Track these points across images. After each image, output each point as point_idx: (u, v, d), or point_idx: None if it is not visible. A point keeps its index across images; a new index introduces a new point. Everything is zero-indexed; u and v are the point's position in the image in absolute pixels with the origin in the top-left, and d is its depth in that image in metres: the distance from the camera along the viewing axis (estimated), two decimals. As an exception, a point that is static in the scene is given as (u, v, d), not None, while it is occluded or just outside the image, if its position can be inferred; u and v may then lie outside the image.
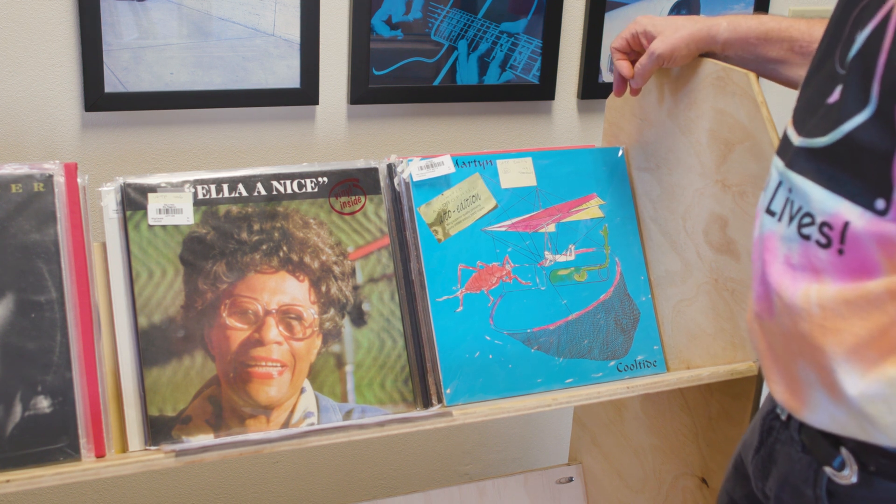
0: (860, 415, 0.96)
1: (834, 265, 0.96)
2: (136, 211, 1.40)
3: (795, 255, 1.00)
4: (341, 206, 1.48)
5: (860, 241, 0.93)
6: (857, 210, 0.92)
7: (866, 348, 0.94)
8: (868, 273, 0.93)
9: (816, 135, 0.98)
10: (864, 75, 0.92)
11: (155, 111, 1.92)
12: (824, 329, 0.96)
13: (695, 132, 1.54)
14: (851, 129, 0.92)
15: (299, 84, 1.96)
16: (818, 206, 0.97)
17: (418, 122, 2.10)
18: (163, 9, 1.86)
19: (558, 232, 1.59)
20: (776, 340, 1.05)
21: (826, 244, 0.96)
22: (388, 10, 1.99)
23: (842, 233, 0.94)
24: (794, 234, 1.00)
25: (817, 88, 1.02)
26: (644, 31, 1.52)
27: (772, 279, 1.03)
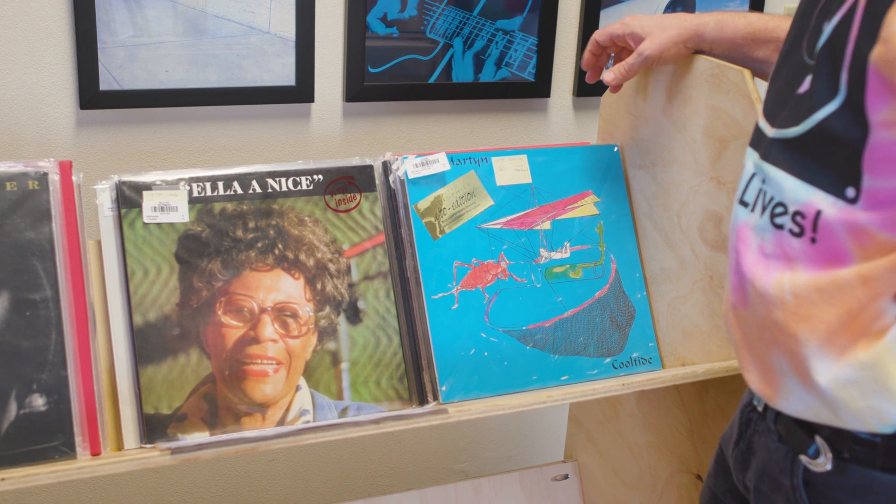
0: (832, 400, 0.97)
1: (807, 253, 0.97)
2: (131, 209, 1.40)
3: (769, 244, 1.02)
4: (336, 204, 1.48)
5: (832, 230, 0.94)
6: (828, 199, 0.94)
7: (838, 334, 0.95)
8: (840, 261, 0.95)
9: (788, 125, 0.99)
10: (832, 65, 0.93)
11: (150, 109, 1.91)
12: (797, 316, 0.98)
13: (689, 129, 1.54)
14: (822, 118, 0.94)
15: (294, 82, 1.96)
16: (791, 196, 0.98)
17: (414, 120, 2.10)
18: (158, 6, 1.86)
19: (553, 229, 1.59)
20: (751, 330, 1.06)
21: (799, 233, 0.98)
22: (384, 8, 1.99)
23: (814, 221, 0.96)
24: (768, 224, 1.02)
25: (787, 79, 1.03)
26: (632, 32, 1.53)
27: (746, 269, 1.05)
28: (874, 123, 0.88)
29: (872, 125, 0.89)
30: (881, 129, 0.88)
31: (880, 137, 0.89)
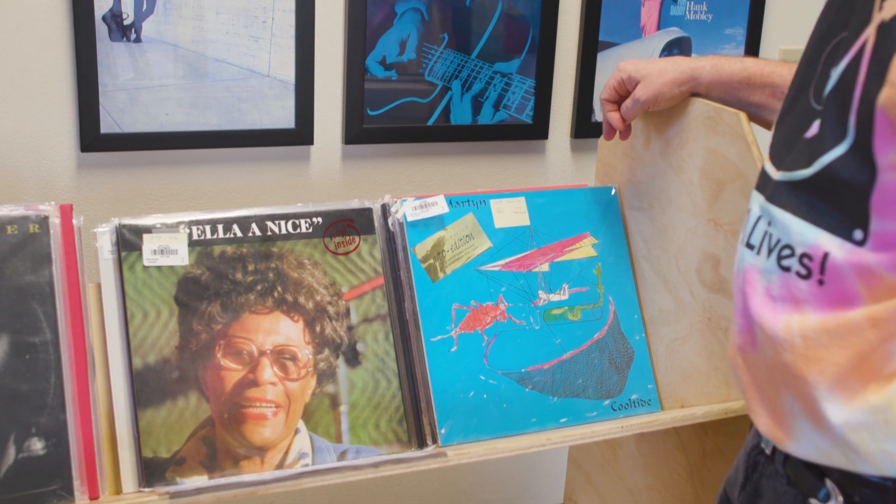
0: (844, 443, 0.97)
1: (814, 295, 0.97)
2: (131, 252, 1.41)
3: (776, 286, 1.02)
4: (336, 247, 1.49)
5: (840, 272, 0.94)
6: (836, 241, 0.94)
7: (848, 377, 0.95)
8: (848, 302, 0.95)
9: (797, 168, 1.00)
10: (840, 109, 0.93)
11: (151, 152, 1.92)
12: (807, 359, 0.98)
13: (686, 171, 1.55)
14: (830, 161, 0.94)
15: (294, 124, 1.98)
16: (798, 238, 0.99)
17: (413, 162, 2.11)
18: (159, 50, 1.87)
19: (552, 271, 1.59)
20: (760, 372, 1.06)
21: (806, 275, 0.98)
22: (383, 51, 2.00)
23: (822, 263, 0.96)
24: (774, 267, 1.02)
25: (793, 125, 1.04)
26: (629, 77, 1.54)
27: (753, 311, 1.05)
28: (882, 166, 0.89)
29: (880, 168, 0.89)
30: (888, 171, 0.89)
31: (888, 180, 0.89)
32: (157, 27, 1.86)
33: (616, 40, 2.18)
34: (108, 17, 1.83)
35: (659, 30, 2.22)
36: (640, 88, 1.52)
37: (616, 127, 1.58)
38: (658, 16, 2.21)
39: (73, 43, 1.83)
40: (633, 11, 2.18)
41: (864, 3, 0.95)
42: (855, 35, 0.94)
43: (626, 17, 2.18)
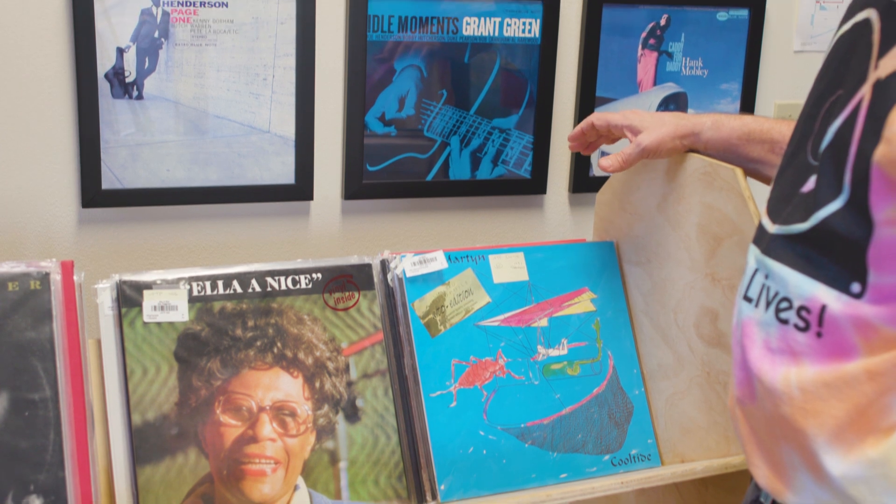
0: (843, 496, 0.97)
1: (813, 348, 0.98)
2: (131, 308, 1.41)
3: (774, 339, 1.02)
4: (335, 302, 1.49)
5: (838, 324, 0.95)
6: (833, 293, 0.95)
7: (846, 430, 0.95)
8: (846, 355, 0.95)
9: (793, 222, 1.01)
10: (836, 165, 0.94)
11: (152, 207, 1.94)
12: (805, 412, 0.98)
13: (684, 226, 1.56)
14: (826, 215, 0.95)
15: (294, 180, 1.99)
16: (795, 291, 0.99)
17: (412, 217, 2.12)
18: (160, 107, 1.89)
19: (551, 326, 1.60)
20: (759, 425, 1.06)
21: (804, 328, 0.98)
22: (382, 108, 2.02)
23: (819, 316, 0.96)
24: (772, 319, 1.02)
25: (791, 180, 1.05)
26: (630, 124, 1.56)
27: (752, 364, 1.05)
28: (878, 221, 0.90)
29: (876, 223, 0.90)
30: (885, 226, 0.89)
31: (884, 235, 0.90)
32: (159, 84, 1.88)
33: (613, 96, 2.20)
34: (110, 74, 1.85)
35: (655, 85, 2.24)
36: (643, 135, 1.54)
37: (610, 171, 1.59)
38: (654, 71, 2.23)
39: (75, 100, 1.85)
40: (629, 67, 2.21)
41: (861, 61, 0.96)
42: (851, 93, 0.96)
43: (622, 73, 2.20)
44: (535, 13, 2.09)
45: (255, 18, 1.90)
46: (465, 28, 2.05)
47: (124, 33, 1.85)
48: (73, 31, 1.81)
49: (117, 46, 1.84)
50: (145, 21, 1.85)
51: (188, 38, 1.88)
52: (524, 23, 2.09)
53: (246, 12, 1.90)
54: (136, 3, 1.84)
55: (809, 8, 2.33)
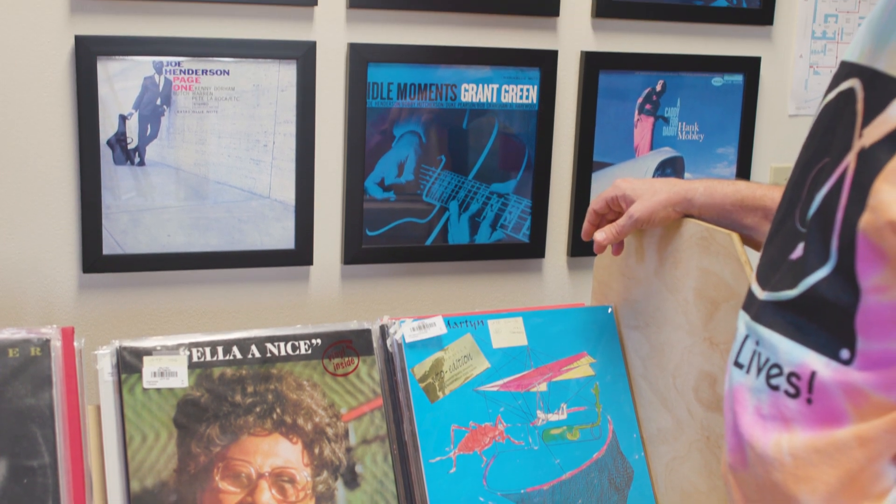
0: None
1: (803, 414, 0.98)
2: (131, 374, 1.42)
3: (765, 405, 1.02)
4: (334, 368, 1.50)
5: (827, 391, 0.95)
6: (822, 360, 0.95)
7: (838, 496, 0.95)
8: (836, 421, 0.95)
9: (782, 288, 1.01)
10: (823, 232, 0.95)
11: (152, 272, 1.95)
12: (797, 478, 0.98)
13: (681, 291, 1.57)
14: (814, 282, 0.96)
15: (294, 245, 2.00)
16: (785, 357, 0.99)
17: (411, 282, 2.13)
18: (162, 173, 1.91)
19: (550, 391, 1.60)
20: (751, 491, 1.06)
21: (794, 394, 0.98)
22: (381, 173, 2.04)
23: (809, 382, 0.96)
24: (763, 385, 1.02)
25: (780, 246, 1.06)
26: (623, 194, 1.57)
27: (743, 430, 1.05)
28: (864, 288, 0.90)
29: (863, 290, 0.90)
30: (871, 293, 0.90)
31: (871, 302, 0.90)
32: (161, 151, 1.90)
33: (610, 160, 2.22)
34: (112, 140, 1.87)
35: (652, 150, 2.26)
36: (635, 206, 1.55)
37: (603, 244, 1.61)
38: (651, 136, 2.26)
39: (77, 166, 1.87)
40: (626, 132, 2.23)
41: (846, 130, 0.98)
42: (837, 161, 0.97)
43: (619, 138, 2.23)
44: (532, 80, 2.11)
45: (255, 86, 1.93)
46: (463, 94, 2.08)
47: (127, 100, 1.87)
48: (77, 98, 1.83)
49: (120, 113, 1.87)
50: (148, 88, 1.88)
51: (190, 105, 1.90)
52: (522, 89, 2.11)
53: (247, 80, 1.92)
54: (139, 70, 1.86)
55: (803, 73, 2.36)
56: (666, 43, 2.23)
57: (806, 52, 2.35)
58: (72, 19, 1.83)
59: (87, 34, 1.83)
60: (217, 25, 1.91)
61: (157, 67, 1.87)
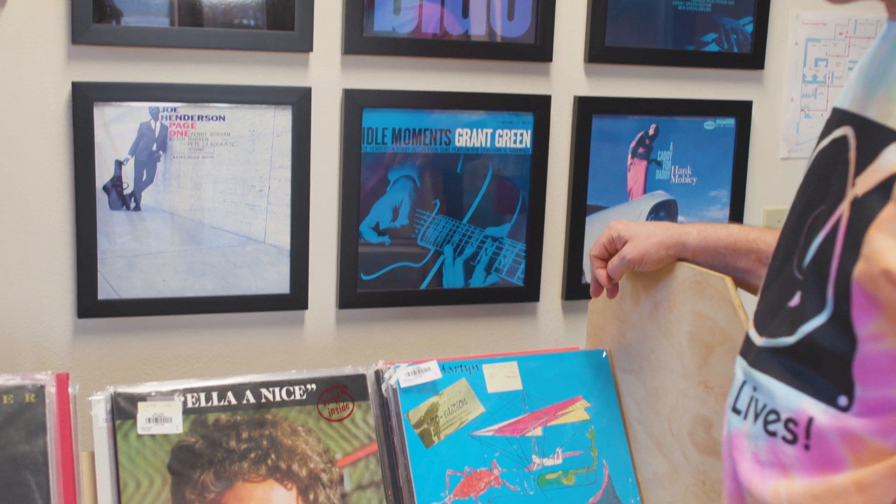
0: None
1: (801, 461, 0.98)
2: (125, 420, 1.41)
3: (763, 451, 1.02)
4: (329, 413, 1.49)
5: (825, 437, 0.95)
6: (820, 406, 0.95)
7: None
8: (834, 467, 0.95)
9: (780, 335, 1.01)
10: (819, 280, 0.96)
11: (147, 317, 1.95)
12: None
13: (675, 335, 1.57)
14: (811, 329, 0.96)
15: (289, 289, 2.01)
16: (783, 403, 0.99)
17: (406, 326, 2.13)
18: (157, 218, 1.92)
19: (545, 435, 1.60)
20: None
21: (792, 440, 0.98)
22: (376, 218, 2.05)
23: (807, 428, 0.96)
24: (761, 432, 1.02)
25: (777, 293, 1.06)
26: (618, 235, 1.58)
27: (742, 476, 1.05)
28: (861, 336, 0.90)
29: (860, 338, 0.91)
30: (868, 342, 0.90)
31: (867, 350, 0.90)
32: (156, 196, 1.91)
33: (604, 203, 2.23)
34: (108, 186, 1.88)
35: (645, 193, 2.27)
36: (627, 247, 1.56)
37: (602, 284, 1.62)
38: (644, 179, 2.27)
39: (73, 211, 1.87)
40: (619, 175, 2.24)
41: (839, 178, 0.98)
42: (832, 209, 0.98)
43: (613, 181, 2.24)
44: (526, 124, 2.13)
45: (251, 131, 1.94)
46: (457, 139, 2.09)
47: (123, 146, 1.88)
48: (73, 143, 1.84)
49: (116, 159, 1.88)
50: (144, 134, 1.89)
51: (186, 150, 1.91)
52: (516, 133, 2.13)
53: (243, 125, 1.94)
54: (136, 116, 1.88)
55: (794, 116, 2.38)
56: (658, 87, 2.25)
57: (797, 96, 2.37)
58: (69, 66, 1.84)
59: (84, 80, 1.84)
60: (213, 71, 1.92)
61: (153, 113, 1.89)
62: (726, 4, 2.25)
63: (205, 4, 1.89)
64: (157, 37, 1.87)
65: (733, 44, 2.28)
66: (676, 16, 2.23)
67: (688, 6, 2.23)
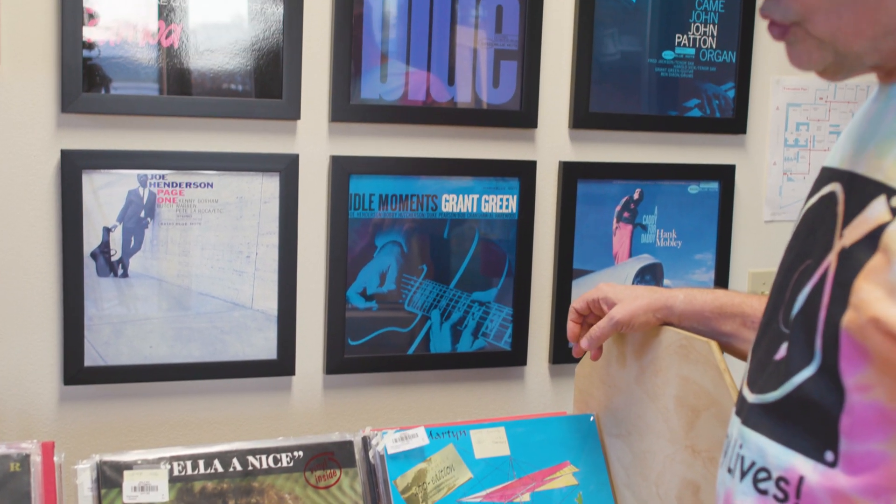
0: None
1: None
2: (111, 489, 1.41)
3: None
4: (316, 480, 1.49)
5: (815, 495, 0.95)
6: (810, 464, 0.95)
7: None
8: None
9: (768, 390, 1.02)
10: (807, 331, 0.97)
11: (134, 384, 1.94)
12: None
13: (662, 399, 1.58)
14: (799, 382, 0.97)
15: (276, 355, 2.01)
16: (774, 461, 1.00)
17: (394, 391, 2.13)
18: (145, 284, 1.92)
19: (533, 501, 1.59)
20: None
21: (783, 499, 0.98)
22: (363, 283, 2.06)
23: (797, 487, 0.97)
24: (752, 490, 1.03)
25: (765, 348, 1.07)
26: (605, 297, 1.60)
27: None
28: (849, 387, 0.91)
29: (847, 389, 0.91)
30: (856, 392, 0.91)
31: (855, 401, 0.91)
32: (144, 262, 1.92)
33: (590, 268, 2.25)
34: (96, 252, 1.89)
35: (631, 257, 2.29)
36: (616, 309, 1.57)
37: (570, 338, 1.62)
38: (630, 243, 2.29)
39: (60, 277, 1.87)
40: (605, 239, 2.26)
41: (826, 231, 1.00)
42: (819, 261, 0.99)
43: (598, 245, 2.25)
44: (512, 189, 2.15)
45: (239, 198, 1.96)
46: (444, 205, 2.11)
47: (111, 213, 1.89)
48: (62, 210, 1.85)
49: (104, 226, 1.89)
50: (132, 201, 1.90)
51: (174, 217, 1.92)
52: (502, 199, 2.15)
53: (230, 192, 1.95)
54: (124, 183, 1.89)
55: (777, 179, 2.41)
56: (642, 152, 2.27)
57: (779, 160, 2.40)
58: (58, 133, 1.86)
59: (73, 148, 1.86)
60: (201, 139, 1.94)
61: (141, 180, 1.90)
62: (708, 71, 2.29)
63: (193, 71, 1.91)
64: (145, 105, 1.88)
65: (716, 109, 2.31)
66: (659, 82, 2.26)
67: (670, 72, 2.26)
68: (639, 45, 2.24)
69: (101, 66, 1.86)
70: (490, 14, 2.10)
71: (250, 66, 1.94)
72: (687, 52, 2.27)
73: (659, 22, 2.24)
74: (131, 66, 1.87)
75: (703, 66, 2.28)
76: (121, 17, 1.86)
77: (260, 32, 1.94)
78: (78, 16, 1.82)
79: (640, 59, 2.24)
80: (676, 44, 2.26)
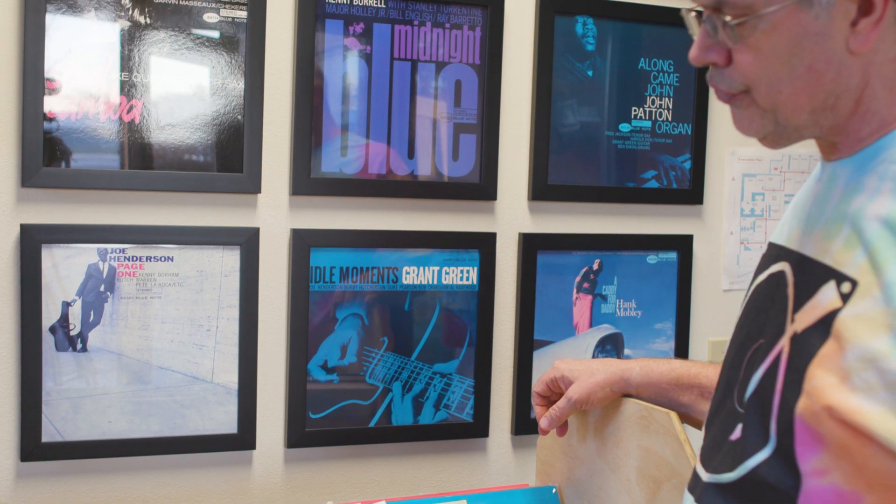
0: None
1: None
2: (67, 569, 1.38)
3: None
4: (277, 557, 1.47)
5: None
6: None
7: None
8: None
9: (723, 470, 1.02)
10: (762, 414, 0.97)
11: (92, 460, 1.92)
12: None
13: (623, 470, 1.58)
14: (755, 465, 0.97)
15: (237, 429, 1.99)
16: None
17: (355, 464, 2.12)
18: (104, 359, 1.91)
19: (495, 575, 1.58)
20: None
21: None
22: (324, 356, 2.06)
23: None
24: None
25: (720, 427, 1.08)
26: (562, 376, 1.60)
27: None
28: (805, 472, 0.91)
29: (804, 474, 0.92)
30: (813, 477, 0.91)
31: (812, 485, 0.91)
32: (103, 337, 1.91)
33: (551, 338, 2.26)
34: (55, 327, 1.87)
35: (591, 327, 2.30)
36: (573, 388, 1.57)
37: (542, 427, 1.62)
38: (590, 313, 2.30)
39: (18, 352, 1.86)
40: (565, 310, 2.27)
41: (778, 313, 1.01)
42: (771, 343, 1.00)
43: (559, 316, 2.27)
44: (472, 261, 2.16)
45: (199, 272, 1.95)
46: (404, 277, 2.11)
47: (71, 287, 1.88)
48: (20, 284, 1.84)
49: (63, 300, 1.88)
50: (92, 275, 1.90)
51: (133, 291, 1.92)
52: (462, 270, 2.16)
53: (191, 266, 1.95)
54: (84, 257, 1.88)
55: (734, 249, 2.44)
56: (601, 223, 2.30)
57: (736, 230, 2.44)
58: (17, 208, 1.85)
59: (33, 223, 1.85)
60: (162, 213, 1.94)
61: (101, 254, 1.90)
62: (664, 143, 2.33)
63: (154, 145, 1.92)
64: (106, 179, 1.89)
65: (672, 180, 2.35)
66: (617, 154, 2.29)
67: (627, 145, 2.30)
68: (597, 117, 2.27)
69: (62, 139, 1.86)
70: (449, 87, 2.13)
71: (211, 140, 1.95)
72: (643, 124, 2.31)
73: (616, 95, 2.28)
74: (92, 139, 1.88)
75: (659, 138, 2.32)
76: (82, 89, 1.87)
77: (221, 107, 1.96)
78: (39, 87, 1.82)
79: (597, 131, 2.27)
80: (633, 116, 2.30)
